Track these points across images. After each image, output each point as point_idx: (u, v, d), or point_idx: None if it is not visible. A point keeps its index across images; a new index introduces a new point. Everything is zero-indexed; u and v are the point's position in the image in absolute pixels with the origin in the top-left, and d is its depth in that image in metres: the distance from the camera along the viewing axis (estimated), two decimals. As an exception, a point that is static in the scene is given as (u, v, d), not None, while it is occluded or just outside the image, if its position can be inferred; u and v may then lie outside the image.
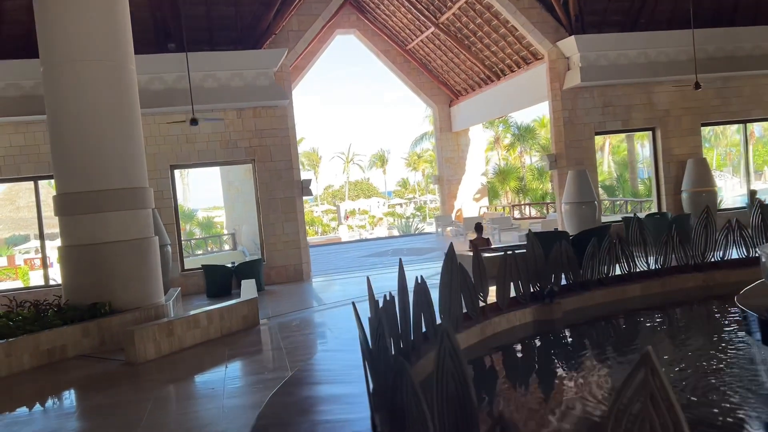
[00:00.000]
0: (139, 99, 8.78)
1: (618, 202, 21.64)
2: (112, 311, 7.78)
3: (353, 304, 4.22)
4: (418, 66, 25.05)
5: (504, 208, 26.95)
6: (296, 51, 15.36)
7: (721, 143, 44.83)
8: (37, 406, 5.94)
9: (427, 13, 21.25)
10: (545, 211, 24.62)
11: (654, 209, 17.36)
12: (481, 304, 5.97)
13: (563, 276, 6.61)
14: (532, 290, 6.28)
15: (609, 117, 16.66)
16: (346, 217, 59.20)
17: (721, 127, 44.30)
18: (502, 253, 10.57)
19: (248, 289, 9.21)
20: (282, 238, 15.01)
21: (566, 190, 15.96)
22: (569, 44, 15.99)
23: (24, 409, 5.80)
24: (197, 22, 14.17)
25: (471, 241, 11.93)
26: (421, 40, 23.36)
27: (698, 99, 16.94)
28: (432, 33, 22.27)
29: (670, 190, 17.01)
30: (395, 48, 24.93)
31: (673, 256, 7.61)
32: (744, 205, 17.77)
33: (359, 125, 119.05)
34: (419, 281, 5.21)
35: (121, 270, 8.06)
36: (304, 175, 35.69)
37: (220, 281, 13.77)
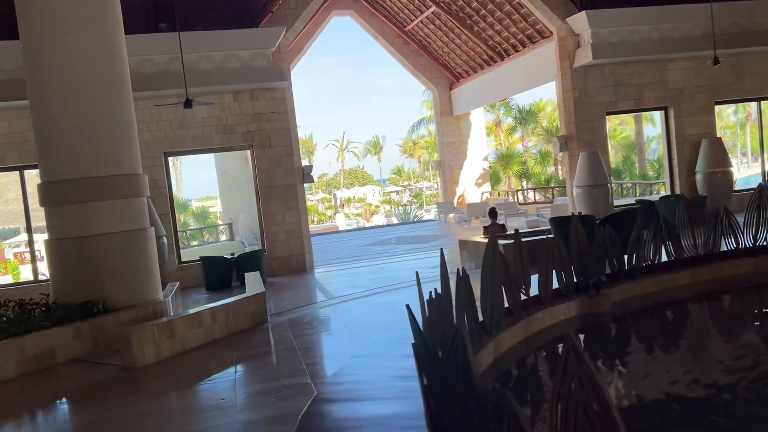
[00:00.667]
0: (130, 78, 8.04)
1: (625, 185, 21.03)
2: (105, 310, 7.10)
3: (408, 308, 3.50)
4: (417, 48, 24.27)
5: (507, 193, 26.32)
6: (294, 30, 14.60)
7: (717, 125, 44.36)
8: (24, 423, 5.26)
9: (427, -9, 20.47)
10: (550, 196, 24.01)
11: (665, 192, 16.77)
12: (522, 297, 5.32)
13: (606, 264, 5.96)
14: (575, 280, 5.63)
15: (621, 96, 16.00)
16: (342, 206, 58.50)
17: (717, 108, 44.01)
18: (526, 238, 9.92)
19: (253, 282, 8.53)
20: (283, 227, 14.32)
21: (578, 172, 15.32)
22: (579, 20, 15.28)
23: (9, 429, 5.11)
24: (190, 0, 13.36)
25: (485, 227, 11.30)
26: (421, 21, 22.58)
27: (712, 77, 16.31)
28: (433, 12, 21.48)
29: (684, 171, 16.41)
30: (393, 29, 24.14)
31: (703, 240, 6.93)
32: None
33: (354, 112, 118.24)
34: (461, 274, 4.52)
35: (115, 264, 7.37)
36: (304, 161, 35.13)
37: (219, 274, 13.09)
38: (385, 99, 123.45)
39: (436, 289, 3.94)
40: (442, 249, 5.16)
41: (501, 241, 9.95)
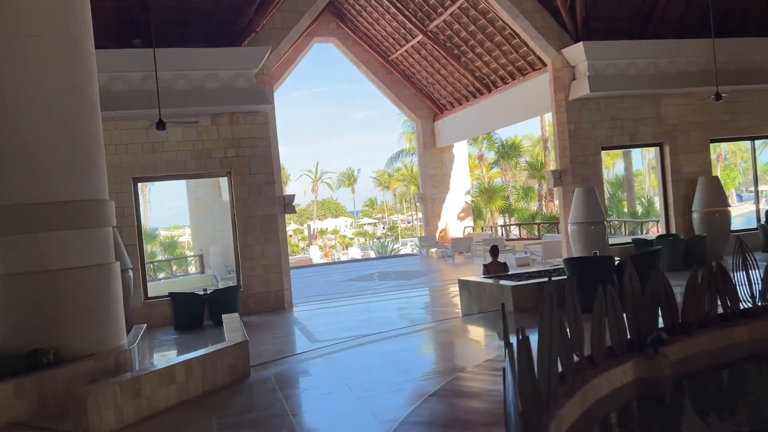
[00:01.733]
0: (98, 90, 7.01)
1: (613, 223, 20.46)
2: (57, 361, 5.95)
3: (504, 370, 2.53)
4: (400, 78, 23.66)
5: (491, 228, 25.61)
6: (279, 51, 13.75)
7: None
8: None
9: (414, 20, 19.90)
10: (535, 232, 23.36)
11: (656, 230, 16.18)
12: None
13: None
14: (628, 336, 4.73)
15: (616, 131, 15.45)
16: (315, 237, 57.31)
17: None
18: (523, 279, 9.01)
19: (233, 327, 7.43)
20: (261, 261, 13.24)
21: (573, 209, 14.61)
22: (576, 51, 14.74)
23: None
24: (168, 14, 12.44)
25: (486, 266, 10.42)
26: (406, 50, 21.99)
27: (707, 114, 15.90)
28: (419, 42, 20.91)
29: (680, 210, 15.84)
30: (377, 58, 23.51)
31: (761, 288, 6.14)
32: (755, 226, 16.70)
33: (328, 144, 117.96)
34: (520, 336, 3.58)
35: (73, 305, 6.25)
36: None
37: (190, 312, 11.93)
38: (359, 131, 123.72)
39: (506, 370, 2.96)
40: (503, 305, 4.20)
41: (503, 282, 9.07)
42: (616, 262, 8.23)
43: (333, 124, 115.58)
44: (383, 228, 65.79)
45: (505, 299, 8.67)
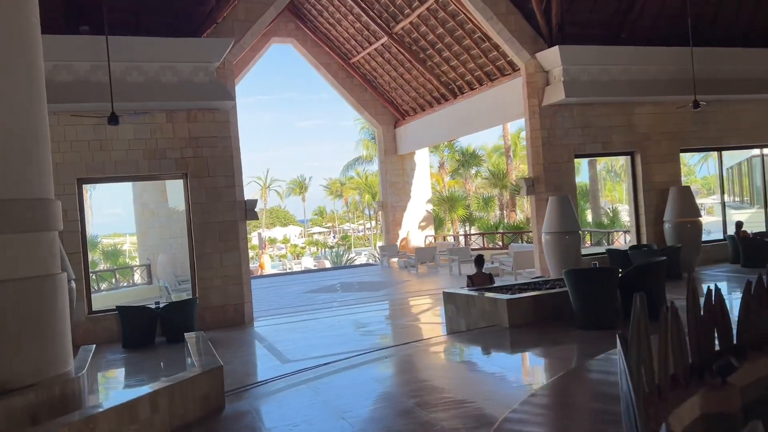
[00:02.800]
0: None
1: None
2: (-11, 392, 4.87)
3: None
4: (362, 82, 22.89)
5: (453, 237, 25.02)
6: (242, 45, 12.76)
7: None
8: None
9: (379, 21, 19.20)
10: (500, 242, 22.91)
11: (619, 242, 15.89)
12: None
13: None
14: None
15: (589, 138, 15.09)
16: (265, 246, 55.77)
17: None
18: (514, 292, 8.33)
19: (200, 348, 6.42)
20: (220, 271, 12.18)
21: (547, 218, 14.12)
22: (550, 56, 14.32)
23: None
24: (121, 0, 11.31)
25: (470, 277, 9.70)
26: (369, 53, 21.26)
27: (677, 123, 15.77)
28: (383, 44, 20.21)
29: (651, 220, 15.58)
30: (337, 61, 22.69)
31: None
32: (723, 237, 16.61)
33: (278, 151, 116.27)
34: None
35: (10, 325, 5.16)
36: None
37: (141, 327, 10.79)
38: (307, 141, 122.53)
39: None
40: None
41: (497, 295, 8.38)
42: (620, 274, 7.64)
43: (279, 133, 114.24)
44: (334, 237, 64.74)
45: (498, 314, 7.96)
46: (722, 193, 17.33)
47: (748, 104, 16.11)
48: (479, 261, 9.80)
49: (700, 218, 15.18)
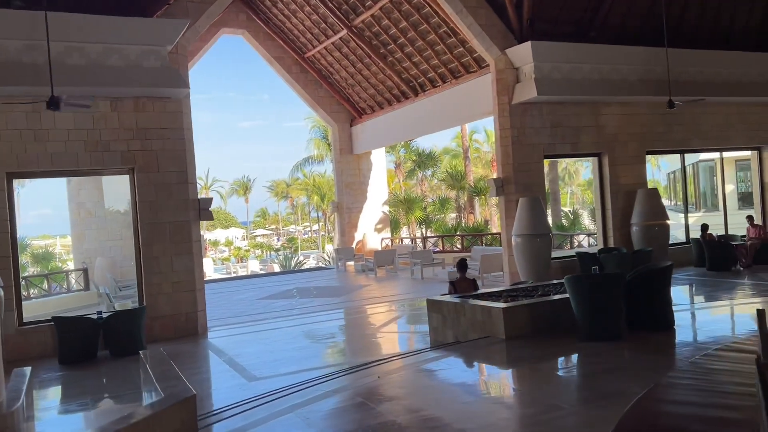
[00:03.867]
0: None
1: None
2: None
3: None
4: (317, 78, 21.93)
5: (411, 240, 24.28)
6: (197, 29, 11.66)
7: (573, 182, 46.04)
8: None
9: (338, 13, 18.31)
10: (459, 245, 22.33)
11: (586, 243, 15.57)
12: None
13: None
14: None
15: (558, 138, 14.66)
16: (206, 249, 53.77)
17: (574, 166, 45.56)
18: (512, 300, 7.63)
19: (164, 370, 5.39)
20: (170, 277, 11.04)
21: (518, 220, 13.59)
22: (521, 52, 13.81)
23: None
24: (59, -28, 10.05)
25: (453, 282, 8.94)
26: (325, 47, 20.33)
27: (643, 125, 15.57)
28: (341, 38, 19.33)
29: (617, 223, 15.28)
30: (291, 55, 21.65)
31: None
32: (684, 240, 16.50)
33: (214, 151, 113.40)
34: None
35: None
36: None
37: (80, 341, 9.58)
38: (252, 140, 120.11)
39: None
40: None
41: (473, 301, 7.66)
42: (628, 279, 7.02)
43: (219, 133, 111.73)
44: (278, 240, 63.20)
45: (493, 325, 7.23)
46: (685, 196, 17.26)
47: (712, 107, 16.03)
48: (462, 265, 9.05)
49: (667, 221, 14.96)
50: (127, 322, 9.90)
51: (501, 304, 7.31)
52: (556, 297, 7.66)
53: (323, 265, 29.07)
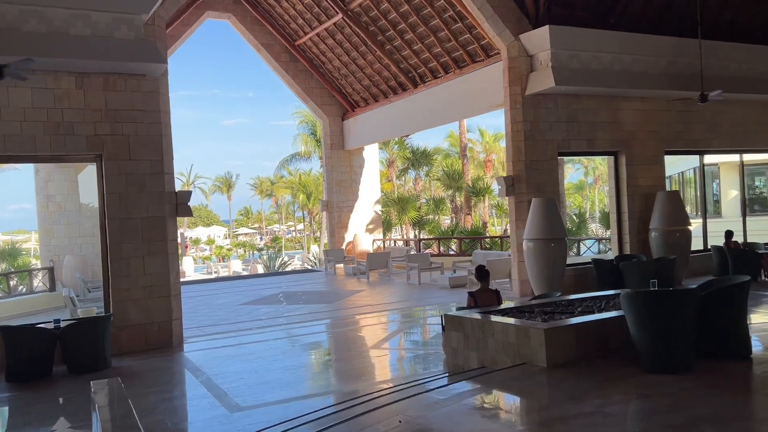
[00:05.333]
0: None
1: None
2: None
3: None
4: (307, 67, 20.54)
5: (405, 242, 22.94)
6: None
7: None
8: None
9: (333, -5, 16.95)
10: (456, 248, 21.05)
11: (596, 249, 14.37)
12: None
13: None
14: None
15: (573, 134, 13.47)
16: (187, 247, 52.07)
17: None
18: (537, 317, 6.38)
19: (115, 413, 4.00)
20: (141, 280, 9.61)
21: (530, 222, 12.34)
22: (537, 37, 12.60)
23: None
24: None
25: (473, 294, 7.62)
26: (318, 34, 18.96)
27: (662, 123, 14.43)
28: (335, 24, 17.98)
29: (634, 227, 14.10)
30: (280, 42, 20.26)
31: None
32: (704, 248, 15.37)
33: (197, 150, 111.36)
34: None
35: None
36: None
37: (32, 355, 8.15)
38: (235, 138, 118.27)
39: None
40: None
41: (496, 318, 6.37)
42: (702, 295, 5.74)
43: (202, 130, 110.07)
44: (261, 239, 61.58)
45: (531, 349, 5.93)
46: (704, 201, 16.13)
47: (734, 105, 14.95)
48: (483, 274, 7.74)
49: (689, 227, 13.80)
50: (88, 333, 8.49)
51: (541, 324, 6.01)
52: (606, 315, 6.36)
53: (309, 267, 27.67)
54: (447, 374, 6.64)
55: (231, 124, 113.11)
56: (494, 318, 6.49)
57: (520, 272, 12.96)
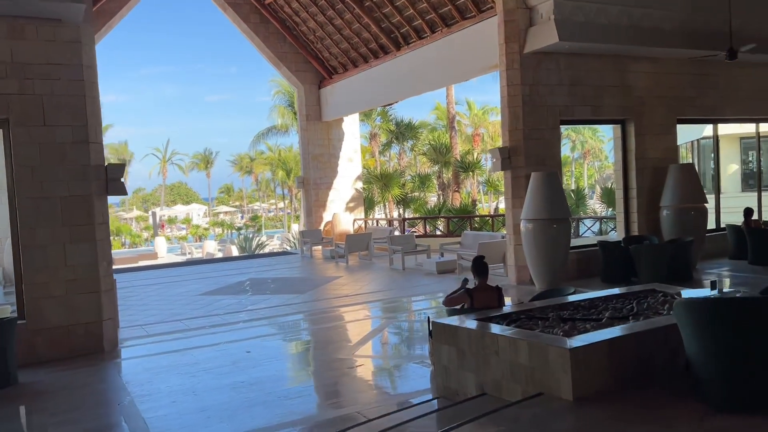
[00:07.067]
0: None
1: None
2: None
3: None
4: (279, 29, 18.63)
5: (388, 222, 21.22)
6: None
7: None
8: None
9: (306, -56, 15.02)
10: (443, 228, 19.43)
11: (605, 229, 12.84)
12: None
13: None
14: None
15: (577, 100, 11.83)
16: (162, 226, 50.08)
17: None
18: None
19: None
20: (62, 273, 7.88)
21: (529, 200, 10.74)
22: (538, -15, 10.83)
23: None
24: None
25: (469, 291, 5.98)
26: (291, -10, 17.03)
27: (674, 87, 12.82)
28: (309, -22, 16.07)
29: (643, 205, 12.54)
30: (249, 1, 18.30)
31: None
32: (717, 227, 13.88)
33: (179, 126, 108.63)
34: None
35: None
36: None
37: None
38: (214, 116, 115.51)
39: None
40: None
41: (513, 332, 4.76)
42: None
43: (184, 106, 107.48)
44: (242, 218, 59.64)
45: (549, 373, 4.32)
46: (718, 176, 14.60)
47: (753, 69, 13.36)
48: (481, 268, 6.08)
49: (705, 204, 12.25)
50: (-13, 342, 6.76)
51: (563, 340, 4.38)
52: (647, 325, 4.74)
53: (288, 248, 25.97)
54: (436, 405, 5.03)
55: (214, 100, 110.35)
56: (499, 330, 4.85)
57: (517, 257, 11.39)
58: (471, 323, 5.17)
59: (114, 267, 21.16)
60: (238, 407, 5.66)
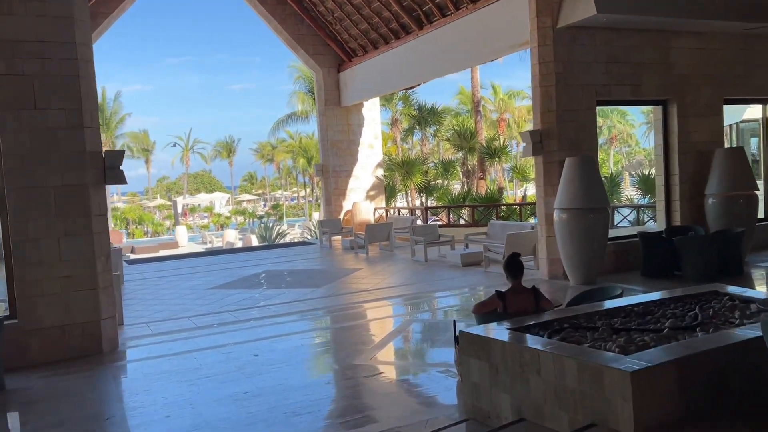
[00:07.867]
0: None
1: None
2: None
3: None
4: (297, 10, 17.88)
5: (410, 211, 20.40)
6: None
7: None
8: None
9: None
10: (468, 217, 18.60)
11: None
12: None
13: None
14: None
15: (614, 78, 10.91)
16: (185, 214, 49.92)
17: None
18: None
19: None
20: (57, 269, 7.29)
21: (562, 188, 9.91)
22: (573, -47, 9.90)
23: None
24: None
25: (501, 294, 5.22)
26: (307, -31, 16.24)
27: (720, 64, 11.80)
28: (326, -46, 15.26)
29: (686, 193, 11.60)
30: (266, -18, 17.56)
31: None
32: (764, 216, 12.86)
33: (201, 115, 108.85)
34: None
35: None
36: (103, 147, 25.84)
37: None
38: (238, 104, 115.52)
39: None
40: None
41: (559, 347, 3.97)
42: None
43: (208, 95, 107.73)
44: (265, 206, 59.28)
45: (604, 400, 3.55)
46: (766, 162, 13.54)
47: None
48: (515, 267, 5.32)
49: (757, 191, 11.27)
50: (-30, 346, 6.19)
51: (621, 360, 3.60)
52: (723, 339, 3.94)
53: (308, 238, 25.36)
54: (465, 429, 4.29)
55: (238, 89, 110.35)
56: (540, 344, 4.08)
57: (549, 249, 10.57)
58: (504, 334, 4.40)
59: (133, 257, 20.69)
60: (236, 424, 4.99)
